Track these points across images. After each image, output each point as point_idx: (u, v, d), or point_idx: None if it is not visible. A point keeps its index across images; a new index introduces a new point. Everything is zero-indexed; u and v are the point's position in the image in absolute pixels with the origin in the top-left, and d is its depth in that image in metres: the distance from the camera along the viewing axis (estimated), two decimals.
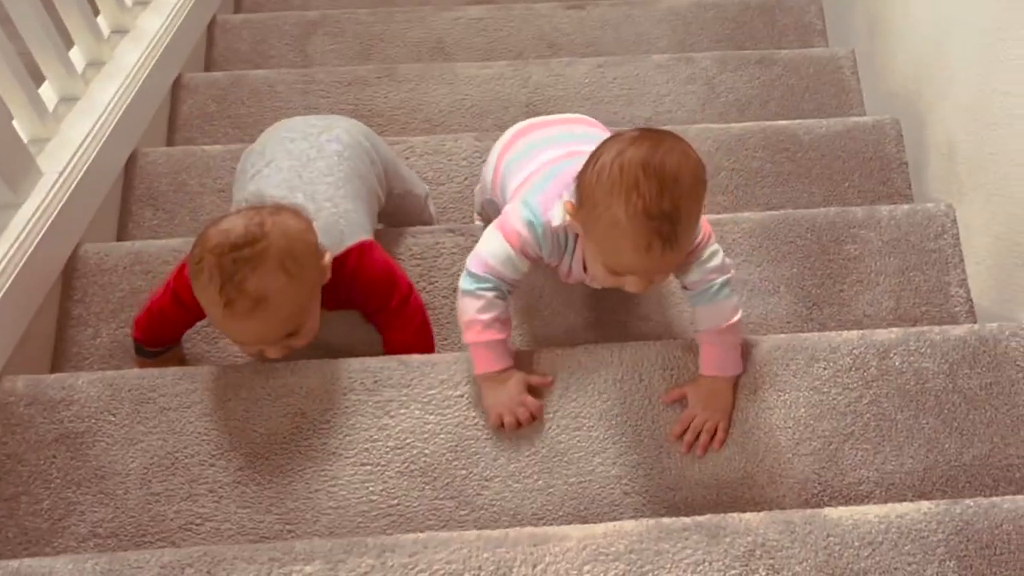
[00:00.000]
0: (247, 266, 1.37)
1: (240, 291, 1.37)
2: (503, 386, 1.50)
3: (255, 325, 1.41)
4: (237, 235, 1.39)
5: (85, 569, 1.27)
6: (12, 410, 1.50)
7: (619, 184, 1.29)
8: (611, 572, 1.27)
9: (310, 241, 1.47)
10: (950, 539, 1.29)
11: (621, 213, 1.29)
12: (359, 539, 1.30)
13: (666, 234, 1.29)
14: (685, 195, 1.30)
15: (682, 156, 1.32)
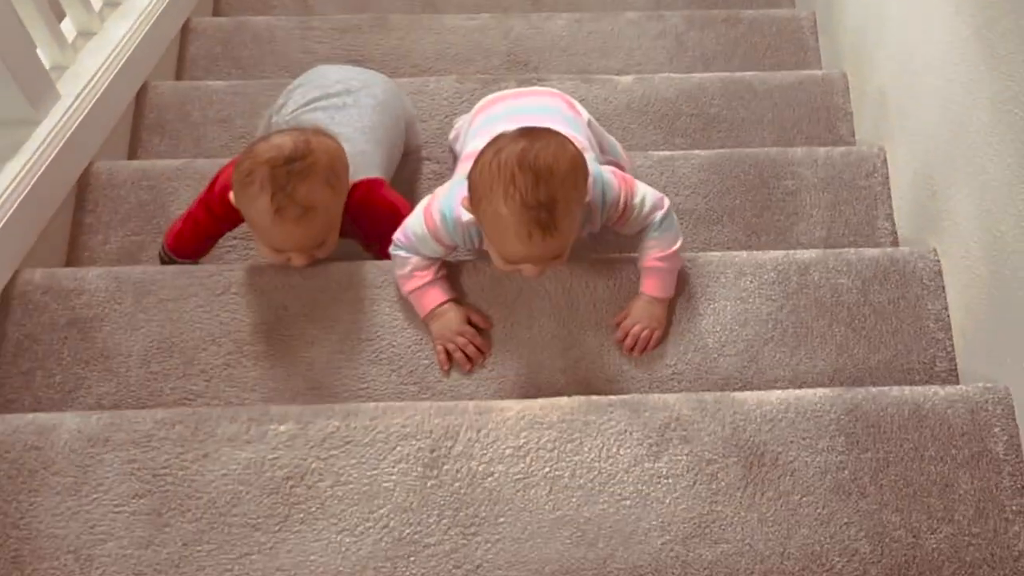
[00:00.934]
0: (297, 177, 1.55)
1: (291, 199, 1.54)
2: (441, 319, 1.66)
3: (299, 231, 1.59)
4: (289, 150, 1.56)
5: (90, 422, 1.48)
6: (30, 297, 1.71)
7: (498, 179, 1.42)
8: (544, 438, 1.47)
9: (345, 161, 1.66)
10: (841, 418, 1.49)
11: (501, 206, 1.42)
12: (327, 405, 1.51)
13: (544, 222, 1.42)
14: (560, 185, 1.43)
15: (558, 148, 1.45)
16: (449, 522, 1.42)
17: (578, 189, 1.47)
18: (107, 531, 1.42)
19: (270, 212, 1.55)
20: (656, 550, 1.40)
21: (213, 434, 1.47)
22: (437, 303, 1.66)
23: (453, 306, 1.66)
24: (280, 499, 1.43)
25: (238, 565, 1.40)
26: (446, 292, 1.67)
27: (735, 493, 1.44)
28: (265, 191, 1.54)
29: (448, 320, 1.66)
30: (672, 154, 2.04)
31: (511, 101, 1.82)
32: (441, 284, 1.67)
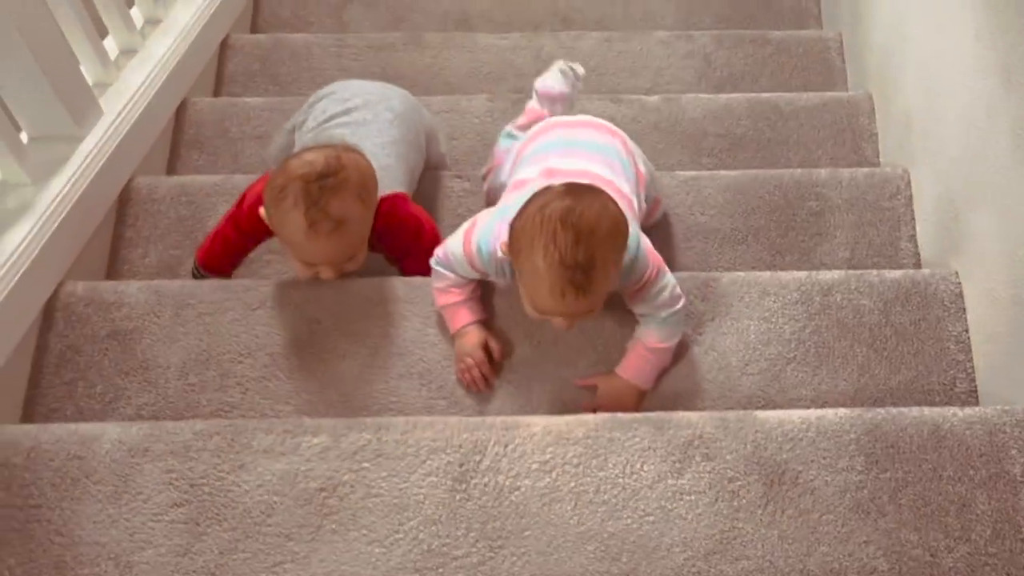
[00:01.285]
0: (330, 192, 1.59)
1: (324, 213, 1.58)
2: (462, 339, 1.70)
3: (331, 245, 1.63)
4: (321, 165, 1.60)
5: (131, 432, 1.53)
6: (72, 308, 1.77)
7: (539, 234, 1.44)
8: (570, 453, 1.51)
9: (375, 177, 1.69)
10: (861, 439, 1.52)
11: (540, 261, 1.44)
12: (359, 419, 1.56)
13: (579, 283, 1.43)
14: (600, 245, 1.44)
15: (601, 209, 1.47)
16: (477, 535, 1.46)
17: (617, 251, 1.49)
18: (146, 539, 1.46)
19: (303, 227, 1.59)
20: (678, 566, 1.44)
21: (249, 445, 1.52)
22: (463, 323, 1.70)
23: (475, 328, 1.70)
24: (313, 510, 1.48)
25: (272, 574, 1.44)
26: (474, 313, 1.70)
27: (756, 511, 1.47)
28: (299, 206, 1.58)
29: (465, 342, 1.70)
30: (698, 174, 2.08)
31: (566, 131, 1.82)
32: (471, 305, 1.71)
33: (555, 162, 1.69)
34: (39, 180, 1.80)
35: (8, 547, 1.46)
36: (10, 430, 1.55)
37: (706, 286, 1.78)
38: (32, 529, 1.48)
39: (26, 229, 1.71)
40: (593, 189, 1.51)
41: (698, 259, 1.99)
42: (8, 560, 1.46)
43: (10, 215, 1.73)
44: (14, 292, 1.65)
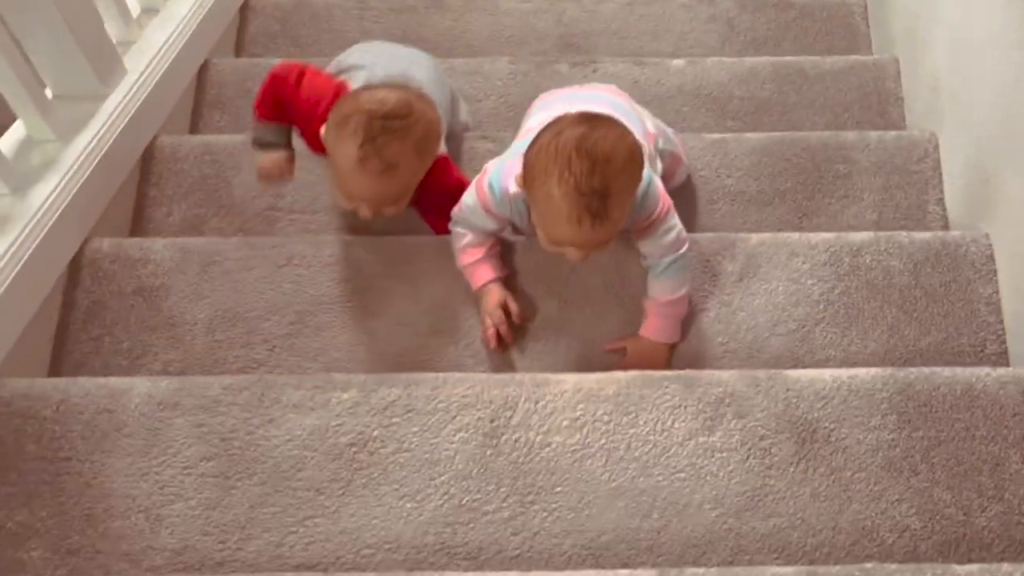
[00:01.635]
0: (391, 134, 1.56)
1: (378, 153, 1.56)
2: (484, 298, 1.69)
3: (376, 185, 1.60)
4: (391, 106, 1.57)
5: (160, 386, 1.53)
6: (99, 265, 1.76)
7: (554, 162, 1.43)
8: (600, 411, 1.50)
9: (439, 134, 1.68)
10: (893, 397, 1.51)
11: (555, 188, 1.42)
12: (390, 374, 1.55)
13: (595, 210, 1.42)
14: (616, 174, 1.43)
15: (617, 138, 1.45)
16: (508, 490, 1.46)
17: (633, 180, 1.48)
18: (176, 492, 1.46)
19: (354, 159, 1.56)
20: (710, 522, 1.43)
21: (279, 400, 1.51)
22: (483, 281, 1.69)
23: (495, 287, 1.69)
24: (343, 464, 1.47)
25: (303, 527, 1.44)
26: (494, 270, 1.70)
27: (788, 468, 1.47)
28: (355, 138, 1.56)
29: (486, 301, 1.69)
30: (724, 136, 2.07)
31: (569, 90, 1.83)
32: (491, 262, 1.70)
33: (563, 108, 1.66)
34: (64, 137, 1.79)
35: (39, 499, 1.47)
36: (40, 383, 1.55)
37: (734, 246, 1.77)
38: (63, 481, 1.48)
39: (52, 185, 1.71)
40: (609, 118, 1.50)
41: (724, 221, 1.98)
42: (40, 512, 1.46)
43: (36, 171, 1.72)
44: (41, 247, 1.65)
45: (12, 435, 1.51)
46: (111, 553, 1.44)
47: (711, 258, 1.76)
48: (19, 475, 1.48)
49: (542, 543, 1.43)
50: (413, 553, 1.43)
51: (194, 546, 1.43)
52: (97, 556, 1.44)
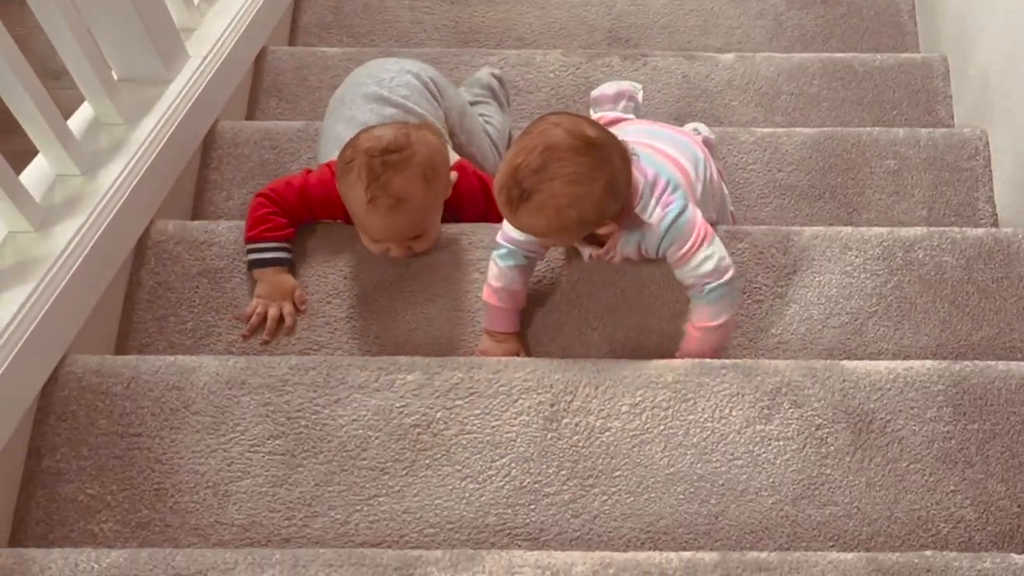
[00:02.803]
0: (393, 169, 1.59)
1: (384, 190, 1.59)
2: (497, 347, 1.69)
3: (391, 222, 1.63)
4: (387, 141, 1.61)
5: (227, 365, 1.56)
6: (164, 247, 1.80)
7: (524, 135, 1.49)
8: (659, 397, 1.53)
9: (446, 156, 1.70)
10: (949, 390, 1.53)
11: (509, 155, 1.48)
12: (452, 357, 1.59)
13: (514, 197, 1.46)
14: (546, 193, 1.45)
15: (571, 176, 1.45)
16: (568, 473, 1.48)
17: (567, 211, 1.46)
18: (243, 469, 1.50)
19: (364, 201, 1.60)
20: (766, 509, 1.46)
21: (344, 381, 1.54)
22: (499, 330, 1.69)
23: (512, 340, 1.69)
24: (407, 445, 1.50)
25: (367, 506, 1.47)
26: (512, 324, 1.70)
27: (844, 457, 1.49)
28: (361, 180, 1.59)
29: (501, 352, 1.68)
30: (775, 131, 2.09)
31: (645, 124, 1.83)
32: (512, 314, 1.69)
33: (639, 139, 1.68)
34: (131, 120, 1.83)
35: (110, 473, 1.50)
36: (110, 360, 1.59)
37: (787, 239, 1.79)
38: (133, 456, 1.51)
39: (120, 167, 1.74)
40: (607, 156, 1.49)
41: (775, 215, 2.01)
42: (111, 485, 1.49)
43: (105, 153, 1.76)
44: (110, 228, 1.68)
45: (84, 410, 1.54)
46: (180, 527, 1.47)
47: (764, 251, 1.78)
48: (91, 449, 1.52)
49: (602, 525, 1.46)
50: (475, 533, 1.46)
51: (261, 522, 1.47)
52: (167, 530, 1.47)
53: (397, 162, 1.60)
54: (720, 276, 1.58)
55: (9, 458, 1.48)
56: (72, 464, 1.51)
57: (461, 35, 2.48)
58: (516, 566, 1.30)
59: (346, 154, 1.63)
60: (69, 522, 1.48)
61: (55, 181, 1.69)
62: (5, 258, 1.55)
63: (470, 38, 2.48)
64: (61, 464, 1.51)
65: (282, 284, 1.74)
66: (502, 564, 1.30)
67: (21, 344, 1.46)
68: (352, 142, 1.64)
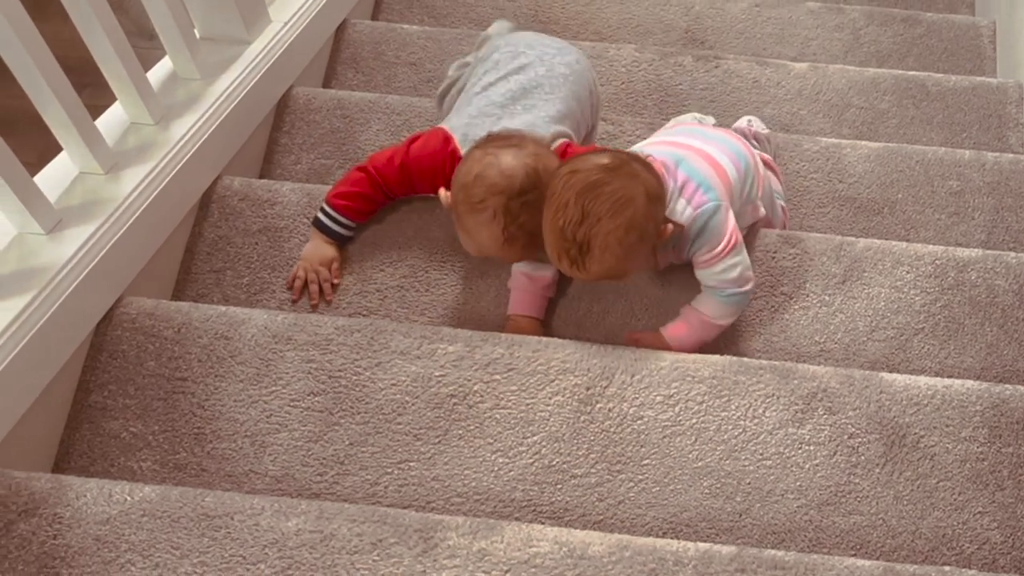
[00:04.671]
0: (530, 208, 1.57)
1: (522, 229, 1.58)
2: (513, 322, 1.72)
3: (518, 254, 1.65)
4: (520, 181, 1.57)
5: (277, 320, 1.61)
6: (227, 202, 1.84)
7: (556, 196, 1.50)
8: (694, 391, 1.54)
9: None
10: (986, 411, 1.53)
11: (548, 222, 1.51)
12: (495, 333, 1.61)
13: (573, 257, 1.50)
14: (604, 234, 1.47)
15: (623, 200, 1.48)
16: (597, 457, 1.51)
17: (625, 239, 1.49)
18: (282, 422, 1.54)
19: (500, 239, 1.60)
20: (791, 512, 1.47)
21: (387, 346, 1.58)
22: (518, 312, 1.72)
23: (535, 323, 1.72)
24: (442, 414, 1.53)
25: (398, 469, 1.51)
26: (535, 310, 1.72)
27: (874, 468, 1.50)
28: (498, 222, 1.58)
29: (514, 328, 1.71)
30: (840, 142, 2.08)
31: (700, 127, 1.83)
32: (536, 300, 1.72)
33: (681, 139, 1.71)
34: (208, 77, 1.88)
35: (153, 414, 1.55)
36: (164, 305, 1.64)
37: (840, 249, 1.79)
38: (177, 400, 1.56)
39: (192, 120, 1.79)
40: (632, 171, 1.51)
41: (832, 225, 2.00)
42: (153, 426, 1.54)
43: (180, 106, 1.81)
44: (178, 177, 1.73)
45: (134, 351, 1.59)
46: (215, 473, 1.52)
47: (816, 258, 1.78)
48: (137, 389, 1.57)
49: (625, 512, 1.48)
50: (500, 507, 1.48)
51: (293, 475, 1.51)
52: (202, 474, 1.52)
53: (534, 201, 1.57)
54: (741, 285, 1.61)
55: (59, 390, 1.54)
56: (118, 402, 1.56)
57: (540, 24, 2.50)
58: (535, 539, 1.32)
59: (476, 192, 1.58)
60: (110, 457, 1.53)
61: (129, 128, 1.74)
62: (74, 197, 1.61)
63: (548, 28, 2.50)
64: (108, 400, 1.56)
65: (325, 253, 1.77)
66: (521, 536, 1.33)
67: (80, 280, 1.52)
68: (479, 177, 1.59)
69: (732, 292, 1.62)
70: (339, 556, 1.31)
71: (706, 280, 1.63)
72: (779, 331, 1.74)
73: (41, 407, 1.49)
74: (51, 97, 1.50)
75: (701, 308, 1.65)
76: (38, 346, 1.45)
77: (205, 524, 1.33)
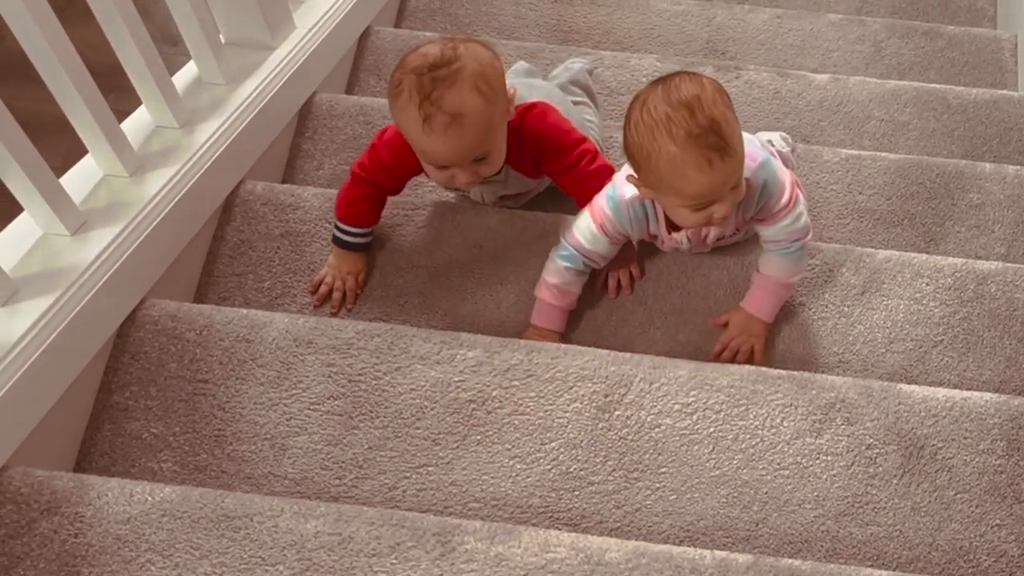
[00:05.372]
0: (444, 84, 1.51)
1: (438, 107, 1.51)
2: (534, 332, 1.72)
3: (450, 141, 1.54)
4: (434, 57, 1.54)
5: (298, 324, 1.62)
6: (250, 206, 1.86)
7: (656, 127, 1.44)
8: (712, 400, 1.55)
9: (498, 68, 1.60)
10: (1005, 424, 1.53)
11: (671, 146, 1.43)
12: (514, 339, 1.62)
13: (716, 144, 1.42)
14: (711, 105, 1.44)
15: (695, 78, 1.48)
16: (615, 464, 1.51)
17: (730, 108, 1.48)
18: (301, 425, 1.55)
19: (419, 122, 1.53)
20: (808, 522, 1.47)
21: (407, 350, 1.59)
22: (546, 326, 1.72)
23: (556, 337, 1.71)
24: (461, 419, 1.54)
25: (416, 474, 1.51)
26: (560, 322, 1.72)
27: (891, 480, 1.50)
28: (413, 100, 1.53)
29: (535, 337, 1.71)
30: (860, 153, 2.08)
31: None
32: (561, 311, 1.72)
33: None
34: (232, 81, 1.89)
35: (175, 415, 1.56)
36: (186, 307, 1.65)
37: (860, 260, 1.79)
38: (198, 401, 1.57)
39: (216, 125, 1.80)
40: (677, 72, 1.51)
41: (851, 237, 2.00)
42: (174, 427, 1.55)
43: (204, 110, 1.82)
44: (201, 181, 1.74)
45: (156, 352, 1.61)
46: (235, 474, 1.53)
47: (835, 269, 1.78)
48: (159, 390, 1.58)
49: (642, 519, 1.48)
50: (518, 513, 1.49)
51: (312, 478, 1.52)
52: (222, 476, 1.53)
53: (447, 76, 1.52)
54: (807, 233, 1.64)
55: (82, 390, 1.55)
56: (140, 403, 1.58)
57: (561, 34, 2.51)
58: (552, 545, 1.33)
59: (394, 77, 1.57)
60: (131, 458, 1.55)
61: (153, 132, 1.75)
62: (98, 199, 1.62)
63: (569, 37, 2.51)
64: (129, 401, 1.58)
65: (351, 263, 1.78)
66: (538, 541, 1.33)
67: (104, 281, 1.53)
68: (399, 64, 1.58)
69: (797, 246, 1.64)
70: (357, 559, 1.32)
71: (775, 235, 1.64)
72: (798, 341, 1.74)
73: (63, 407, 1.50)
74: (78, 100, 1.52)
75: (773, 273, 1.68)
76: (61, 346, 1.46)
77: (225, 525, 1.34)
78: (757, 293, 1.70)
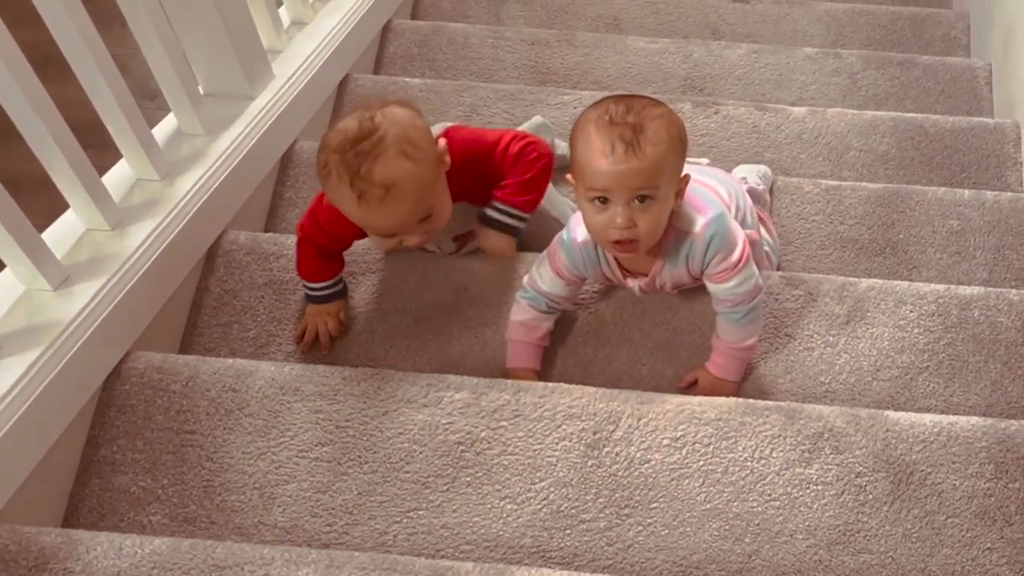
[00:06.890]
0: (369, 157, 1.51)
1: (369, 182, 1.50)
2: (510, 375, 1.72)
3: (388, 212, 1.55)
4: (354, 131, 1.53)
5: (284, 371, 1.62)
6: (233, 256, 1.86)
7: (592, 112, 1.47)
8: (701, 433, 1.55)
9: (421, 126, 1.60)
10: (992, 448, 1.53)
11: (591, 128, 1.44)
12: (500, 380, 1.62)
13: (628, 138, 1.41)
14: (652, 118, 1.44)
15: (657, 103, 1.48)
16: (605, 501, 1.51)
17: (669, 132, 1.46)
18: (290, 473, 1.54)
19: (354, 200, 1.53)
20: (800, 552, 1.47)
21: (394, 394, 1.59)
22: (519, 366, 1.72)
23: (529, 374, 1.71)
24: (450, 462, 1.54)
25: (407, 518, 1.51)
26: (534, 361, 1.72)
27: (882, 507, 1.50)
28: (343, 180, 1.52)
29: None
30: (840, 184, 2.10)
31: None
32: (533, 349, 1.72)
33: None
34: (212, 132, 1.91)
35: (163, 467, 1.56)
36: (172, 359, 1.65)
37: (843, 289, 1.80)
38: (186, 453, 1.57)
39: (197, 176, 1.81)
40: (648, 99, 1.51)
41: (834, 267, 2.02)
42: (162, 480, 1.55)
43: (185, 162, 1.84)
44: (183, 232, 1.75)
45: (143, 405, 1.61)
46: (224, 525, 1.52)
47: (819, 299, 1.79)
48: (146, 443, 1.58)
49: (635, 556, 1.48)
50: (510, 553, 1.48)
51: (303, 526, 1.51)
52: (212, 527, 1.52)
53: (370, 149, 1.51)
54: (756, 296, 1.62)
55: (68, 445, 1.55)
56: (127, 456, 1.57)
57: (540, 75, 2.54)
58: None
59: (319, 159, 1.56)
60: (120, 512, 1.54)
61: (134, 184, 1.76)
62: (81, 253, 1.63)
63: (548, 78, 2.54)
64: (117, 455, 1.57)
65: (328, 308, 1.78)
66: None
67: (88, 335, 1.53)
68: (321, 145, 1.57)
69: (744, 311, 1.62)
70: None
71: (720, 295, 1.62)
72: (784, 372, 1.74)
73: (50, 462, 1.50)
74: (58, 154, 1.52)
75: (727, 338, 1.67)
76: (47, 402, 1.46)
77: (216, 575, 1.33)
78: (716, 356, 1.69)
